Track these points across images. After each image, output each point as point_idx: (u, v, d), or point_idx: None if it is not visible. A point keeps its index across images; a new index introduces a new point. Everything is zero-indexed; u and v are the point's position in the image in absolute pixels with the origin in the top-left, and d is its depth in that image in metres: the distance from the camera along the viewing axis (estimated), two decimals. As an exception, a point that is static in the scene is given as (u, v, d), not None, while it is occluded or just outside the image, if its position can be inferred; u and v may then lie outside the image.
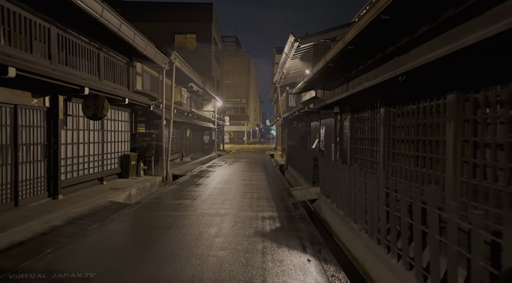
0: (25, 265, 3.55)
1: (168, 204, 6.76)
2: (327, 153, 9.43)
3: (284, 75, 12.93)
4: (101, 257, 3.84)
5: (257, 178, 10.88)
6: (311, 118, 11.99)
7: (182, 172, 12.18)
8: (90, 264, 3.61)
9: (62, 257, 3.81)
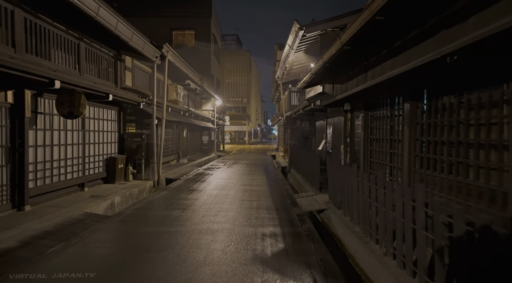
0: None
1: (153, 217, 5.82)
2: (335, 155, 8.48)
3: (287, 71, 11.97)
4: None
5: (258, 183, 9.93)
6: (316, 117, 11.03)
7: (176, 176, 11.25)
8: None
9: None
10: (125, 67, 9.88)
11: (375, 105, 5.84)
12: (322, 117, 9.98)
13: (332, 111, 8.66)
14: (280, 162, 17.51)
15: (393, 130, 5.14)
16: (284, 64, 10.96)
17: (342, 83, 5.69)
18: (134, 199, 7.99)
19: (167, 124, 13.78)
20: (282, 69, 11.83)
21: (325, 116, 9.60)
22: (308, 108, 8.36)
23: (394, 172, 5.10)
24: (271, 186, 9.44)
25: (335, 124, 8.54)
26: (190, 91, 18.23)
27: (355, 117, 7.07)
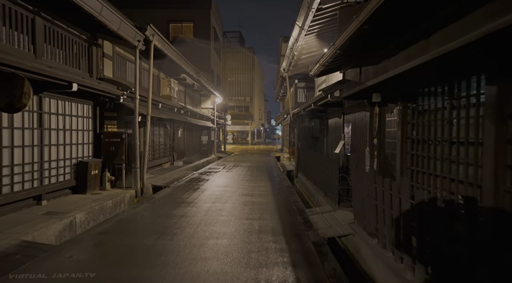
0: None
1: (112, 249, 4.24)
2: (357, 160, 6.86)
3: (295, 61, 10.37)
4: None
5: (260, 192, 8.33)
6: (329, 113, 9.41)
7: (166, 182, 9.68)
8: None
9: None
10: (102, 54, 8.33)
11: (420, 94, 4.22)
12: (337, 113, 8.35)
13: (352, 105, 7.04)
14: (285, 164, 15.90)
15: (457, 127, 3.52)
16: (292, 52, 9.35)
17: (378, 62, 4.07)
18: (106, 214, 6.42)
19: (158, 122, 12.24)
20: (289, 59, 10.23)
21: (341, 112, 7.97)
22: (323, 101, 6.75)
23: (459, 188, 3.47)
24: (277, 196, 7.84)
25: (356, 121, 6.92)
26: (187, 87, 16.69)
27: (386, 111, 5.45)
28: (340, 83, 6.00)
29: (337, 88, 5.95)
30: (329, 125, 9.68)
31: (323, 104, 7.87)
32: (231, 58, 46.99)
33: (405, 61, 3.57)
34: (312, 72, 5.86)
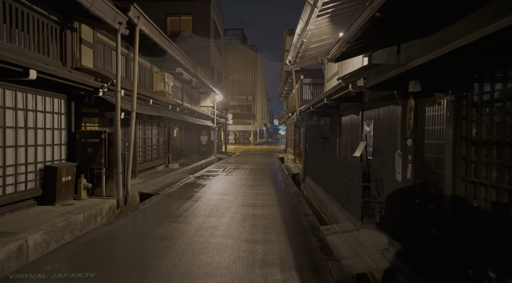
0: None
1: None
2: (381, 165, 5.62)
3: (302, 51, 9.14)
4: None
5: (264, 201, 7.11)
6: (343, 110, 8.18)
7: (156, 188, 8.48)
8: None
9: None
10: (80, 41, 7.14)
11: (486, 78, 2.99)
12: (354, 109, 7.12)
13: (375, 98, 5.80)
14: (290, 167, 14.66)
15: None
16: (300, 39, 8.12)
17: (432, 32, 2.86)
18: (76, 232, 5.21)
19: (150, 120, 11.06)
20: (296, 48, 8.99)
21: (359, 107, 6.74)
22: (341, 93, 5.51)
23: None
24: (283, 206, 6.62)
25: (381, 118, 5.68)
26: (184, 83, 15.50)
27: (427, 104, 4.22)
28: (364, 69, 4.78)
29: (361, 76, 4.73)
30: (342, 123, 8.44)
31: (337, 98, 6.64)
32: (233, 56, 45.84)
33: (486, 22, 2.34)
34: (329, 55, 4.66)
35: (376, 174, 5.73)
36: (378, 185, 5.56)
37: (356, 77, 4.78)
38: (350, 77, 4.93)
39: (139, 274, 3.30)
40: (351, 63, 7.75)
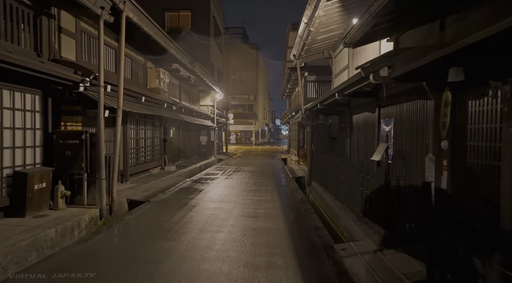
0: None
1: None
2: (405, 171, 4.78)
3: (309, 42, 8.29)
4: None
5: (267, 211, 6.28)
6: (354, 107, 7.34)
7: (147, 195, 7.66)
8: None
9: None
10: (59, 29, 6.33)
11: None
12: (368, 106, 6.27)
13: (396, 93, 4.96)
14: (294, 169, 13.82)
15: None
16: (307, 29, 7.27)
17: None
18: (45, 250, 4.39)
19: (143, 120, 10.25)
20: (302, 40, 8.15)
21: (376, 103, 5.89)
22: (358, 86, 4.65)
23: None
24: (289, 218, 5.79)
25: (404, 115, 4.84)
26: (182, 80, 14.69)
27: (471, 97, 3.38)
28: (389, 56, 3.95)
29: (384, 64, 3.90)
30: (353, 122, 7.60)
31: (350, 93, 5.80)
32: (234, 55, 45.01)
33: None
34: (347, 38, 3.83)
35: (399, 181, 4.89)
36: (402, 194, 4.71)
37: (378, 66, 3.93)
38: (370, 66, 4.09)
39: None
40: (364, 53, 6.91)
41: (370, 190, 4.71)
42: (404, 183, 4.73)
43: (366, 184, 4.84)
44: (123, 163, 8.91)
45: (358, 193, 5.20)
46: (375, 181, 4.54)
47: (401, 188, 4.72)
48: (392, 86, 5.05)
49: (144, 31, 7.53)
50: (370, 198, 4.72)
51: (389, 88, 5.21)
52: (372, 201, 4.65)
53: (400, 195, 4.69)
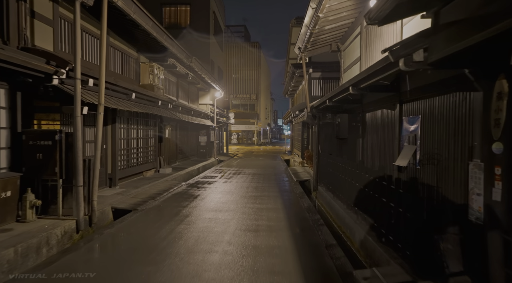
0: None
1: None
2: (441, 179, 3.94)
3: (316, 32, 7.46)
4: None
5: (270, 223, 5.45)
6: (367, 104, 6.50)
7: (136, 202, 6.85)
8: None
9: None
10: (31, 14, 5.53)
11: None
12: (387, 101, 5.43)
13: (423, 85, 4.13)
14: (298, 171, 12.98)
15: None
16: (315, 15, 6.44)
17: None
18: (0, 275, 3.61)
19: (134, 118, 9.44)
20: (309, 29, 7.32)
21: (396, 98, 5.05)
22: (386, 74, 3.77)
23: None
24: (295, 232, 4.96)
25: (434, 111, 4.00)
26: (179, 77, 13.90)
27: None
28: (425, 35, 3.13)
29: (419, 46, 3.08)
30: (366, 121, 6.76)
31: (367, 87, 4.95)
32: (236, 53, 44.23)
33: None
34: (373, 13, 3.02)
35: (430, 191, 4.05)
36: (435, 208, 3.87)
37: (412, 48, 3.10)
38: (401, 48, 3.26)
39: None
40: (380, 42, 6.06)
41: (396, 202, 3.88)
42: (437, 194, 3.90)
43: (391, 196, 4.00)
44: (112, 166, 8.12)
45: (378, 205, 4.37)
46: (403, 192, 3.70)
47: (433, 201, 3.88)
48: (419, 76, 4.21)
49: (131, 18, 6.73)
50: (396, 212, 3.88)
51: (416, 79, 4.38)
52: (399, 217, 3.81)
53: (432, 209, 3.86)
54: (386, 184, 4.13)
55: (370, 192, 4.67)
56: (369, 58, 6.68)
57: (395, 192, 3.89)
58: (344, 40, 8.68)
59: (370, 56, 6.59)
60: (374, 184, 4.59)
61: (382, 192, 4.24)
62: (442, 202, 3.74)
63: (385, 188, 4.16)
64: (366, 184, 4.90)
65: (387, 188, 4.09)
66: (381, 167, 4.78)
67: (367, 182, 4.88)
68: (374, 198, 4.50)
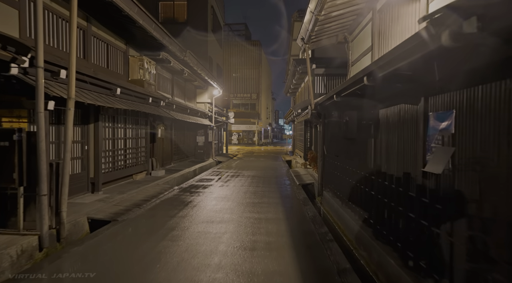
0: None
1: None
2: (479, 190, 3.09)
3: (322, 18, 6.61)
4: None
5: (269, 239, 4.62)
6: (382, 98, 5.65)
7: (117, 210, 6.03)
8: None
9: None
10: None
11: None
12: (407, 95, 4.58)
13: (460, 72, 3.29)
14: (301, 173, 12.13)
15: None
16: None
17: None
18: None
19: (122, 116, 8.63)
20: (314, 15, 6.48)
21: (421, 90, 4.20)
22: (420, 53, 2.93)
23: None
24: (300, 250, 4.13)
25: (474, 105, 3.16)
26: (175, 74, 13.09)
27: None
28: None
29: (472, 11, 2.25)
30: (380, 118, 5.91)
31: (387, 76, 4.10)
32: (236, 52, 43.43)
33: None
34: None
35: (472, 207, 3.21)
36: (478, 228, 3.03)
37: (464, 13, 2.27)
38: (443, 16, 2.42)
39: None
40: (398, 26, 5.22)
41: (429, 220, 3.04)
42: (481, 210, 3.06)
43: (420, 211, 3.16)
44: (94, 169, 7.31)
45: (402, 220, 3.53)
46: (436, 207, 2.87)
47: (474, 218, 3.03)
48: (456, 59, 3.36)
49: (113, 2, 5.90)
50: (429, 232, 3.04)
51: (447, 65, 3.53)
52: (431, 238, 2.97)
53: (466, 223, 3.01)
54: (416, 196, 3.29)
55: (393, 205, 3.82)
56: (383, 46, 5.84)
57: (428, 206, 3.05)
58: (352, 29, 7.84)
59: (385, 44, 5.75)
60: (398, 195, 3.75)
61: (411, 208, 3.40)
62: (495, 220, 2.89)
63: (416, 202, 3.32)
64: (393, 198, 4.06)
65: (419, 201, 3.25)
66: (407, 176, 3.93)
67: (393, 195, 4.03)
68: (399, 214, 3.65)
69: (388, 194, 4.00)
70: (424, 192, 3.18)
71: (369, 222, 4.64)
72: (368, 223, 4.64)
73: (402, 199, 3.56)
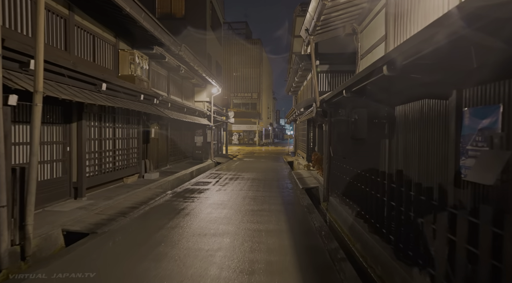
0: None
1: None
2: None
3: (330, 4, 5.92)
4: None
5: (270, 259, 3.92)
6: (398, 93, 4.95)
7: (99, 220, 5.34)
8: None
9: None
10: None
11: None
12: (432, 88, 3.88)
13: (505, 59, 2.58)
14: (304, 176, 11.43)
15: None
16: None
17: None
18: None
19: (111, 115, 7.94)
20: (320, 1, 5.78)
21: (452, 82, 3.50)
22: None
23: None
24: (306, 274, 3.43)
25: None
26: (171, 71, 12.40)
27: None
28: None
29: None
30: (396, 116, 5.21)
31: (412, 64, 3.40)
32: (237, 51, 42.77)
33: None
34: None
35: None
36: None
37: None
38: None
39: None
40: (420, 11, 4.52)
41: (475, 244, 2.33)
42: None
43: (464, 233, 2.46)
44: (77, 172, 6.62)
45: (441, 244, 2.83)
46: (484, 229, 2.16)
47: None
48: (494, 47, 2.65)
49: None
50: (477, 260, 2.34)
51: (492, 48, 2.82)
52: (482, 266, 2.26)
53: None
54: (464, 217, 2.58)
55: (424, 222, 3.12)
56: (400, 34, 5.14)
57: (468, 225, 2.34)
58: (362, 19, 7.14)
59: (402, 31, 5.05)
60: (426, 208, 3.06)
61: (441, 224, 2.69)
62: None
63: (451, 217, 2.62)
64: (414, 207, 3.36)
65: (461, 222, 2.55)
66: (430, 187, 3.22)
67: (417, 204, 3.34)
68: (431, 230, 2.95)
69: (417, 208, 3.29)
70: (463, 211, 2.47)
71: (387, 238, 3.94)
72: (388, 240, 3.94)
73: (457, 223, 2.85)
